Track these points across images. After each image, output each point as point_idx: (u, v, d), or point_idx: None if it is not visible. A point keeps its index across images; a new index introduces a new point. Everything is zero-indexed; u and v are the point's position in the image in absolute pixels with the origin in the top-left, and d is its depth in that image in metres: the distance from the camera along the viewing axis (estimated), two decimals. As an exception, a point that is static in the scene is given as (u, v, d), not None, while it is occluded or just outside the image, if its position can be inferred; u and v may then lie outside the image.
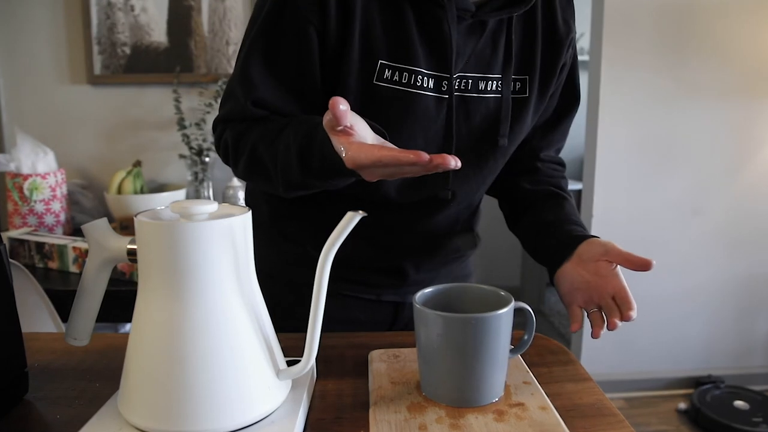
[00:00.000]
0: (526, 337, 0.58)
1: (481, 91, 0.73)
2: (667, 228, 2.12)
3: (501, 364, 0.52)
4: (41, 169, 1.75)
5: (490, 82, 0.73)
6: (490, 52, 0.72)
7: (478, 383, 0.51)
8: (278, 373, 0.50)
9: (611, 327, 0.66)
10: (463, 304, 0.56)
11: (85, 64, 2.03)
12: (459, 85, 0.72)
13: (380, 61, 0.68)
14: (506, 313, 0.51)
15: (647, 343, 2.19)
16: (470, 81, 0.72)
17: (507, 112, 0.74)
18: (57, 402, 0.54)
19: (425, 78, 0.70)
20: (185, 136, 1.97)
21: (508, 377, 0.56)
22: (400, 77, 0.69)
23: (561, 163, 0.90)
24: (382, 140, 0.59)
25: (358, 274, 0.81)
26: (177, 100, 1.98)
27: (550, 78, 0.77)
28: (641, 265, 0.66)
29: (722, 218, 2.13)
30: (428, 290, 0.56)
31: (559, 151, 0.89)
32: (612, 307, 0.67)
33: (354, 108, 0.66)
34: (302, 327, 0.50)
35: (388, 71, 0.69)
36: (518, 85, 0.75)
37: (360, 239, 0.65)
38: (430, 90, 0.70)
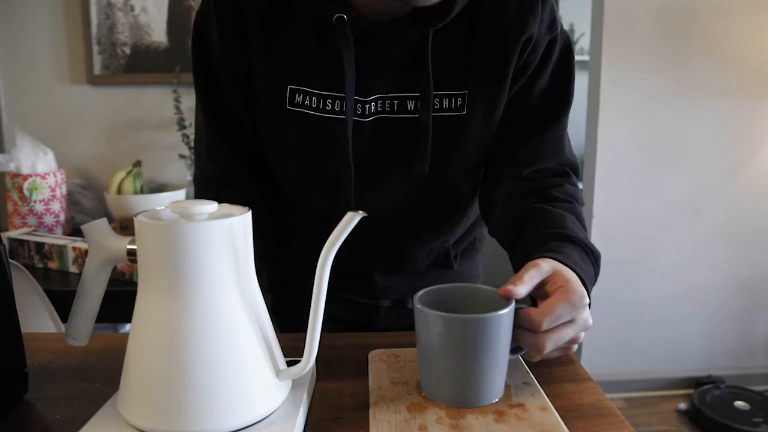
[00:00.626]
0: None
1: (409, 111, 0.69)
2: (667, 228, 2.12)
3: (501, 365, 0.52)
4: (41, 169, 1.75)
5: (418, 102, 0.68)
6: (414, 70, 0.67)
7: (479, 383, 0.51)
8: (278, 373, 0.50)
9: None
10: (464, 304, 0.56)
11: (85, 64, 2.03)
12: (378, 107, 0.69)
13: (289, 86, 0.68)
14: (507, 313, 0.51)
15: (647, 343, 2.19)
16: (395, 102, 0.69)
17: (425, 136, 0.68)
18: (57, 402, 0.54)
19: (336, 101, 0.68)
20: (185, 136, 1.97)
21: (509, 378, 0.56)
22: (311, 102, 0.68)
23: (560, 173, 0.75)
24: None
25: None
26: (177, 100, 1.98)
27: (498, 89, 0.70)
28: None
29: (722, 218, 2.12)
30: (429, 290, 0.56)
31: (561, 164, 0.75)
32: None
33: (271, 133, 0.72)
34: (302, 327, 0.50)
35: (299, 96, 0.69)
36: (458, 101, 0.69)
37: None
38: (342, 113, 0.68)
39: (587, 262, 0.63)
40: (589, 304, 0.57)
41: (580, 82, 0.80)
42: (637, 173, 2.07)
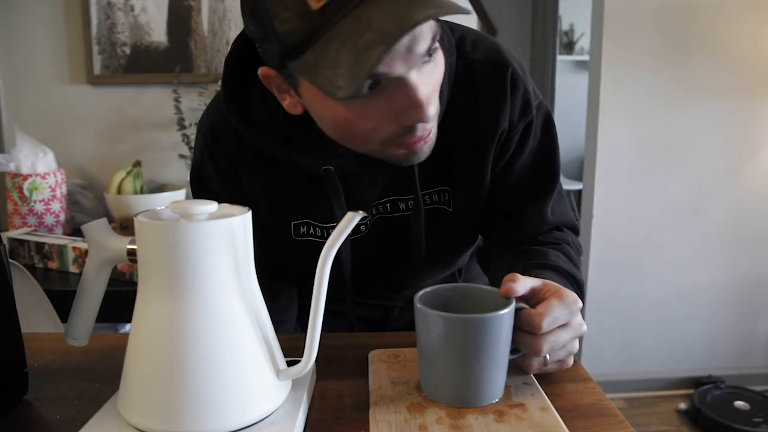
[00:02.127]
0: None
1: (402, 210, 0.73)
2: (667, 228, 2.12)
3: (501, 365, 0.52)
4: (41, 169, 1.75)
5: (408, 202, 0.73)
6: (401, 179, 0.71)
7: (479, 384, 0.51)
8: (278, 373, 0.50)
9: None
10: (464, 304, 0.56)
11: (85, 64, 2.03)
12: (378, 210, 0.73)
13: (292, 222, 0.73)
14: (507, 314, 0.51)
15: (648, 343, 2.19)
16: (388, 204, 0.73)
17: (419, 232, 0.72)
18: (57, 402, 0.54)
19: None
20: (185, 136, 1.97)
21: (509, 378, 0.56)
22: (315, 231, 0.73)
23: (550, 230, 0.76)
24: None
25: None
26: (177, 100, 1.98)
27: (479, 184, 0.72)
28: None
29: (723, 219, 2.13)
30: (429, 290, 0.56)
31: (550, 228, 0.76)
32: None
33: (286, 259, 0.77)
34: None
35: (303, 227, 0.73)
36: (445, 196, 0.73)
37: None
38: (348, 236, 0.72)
39: (568, 288, 0.63)
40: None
41: (581, 82, 0.81)
42: (638, 173, 2.07)
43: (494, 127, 0.69)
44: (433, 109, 0.56)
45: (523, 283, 0.54)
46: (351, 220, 0.45)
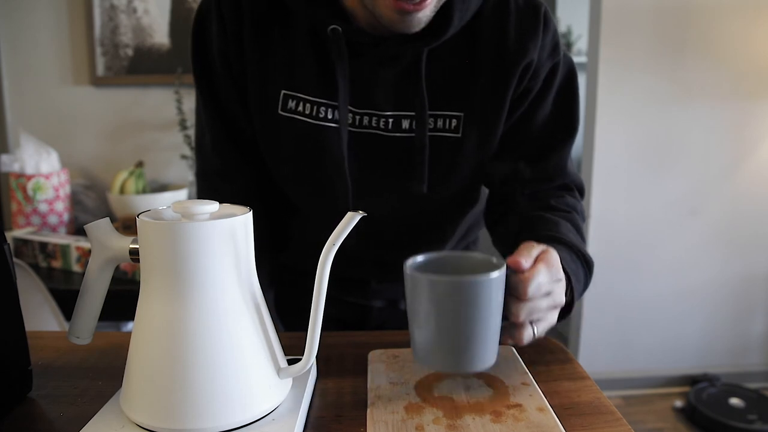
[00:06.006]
0: None
1: (404, 130, 0.69)
2: (664, 229, 2.12)
3: (493, 330, 0.51)
4: (45, 169, 1.76)
5: (411, 120, 0.69)
6: (409, 89, 0.67)
7: (470, 347, 0.50)
8: (279, 371, 0.50)
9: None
10: (455, 271, 0.54)
11: (88, 66, 2.04)
12: (372, 123, 0.69)
13: (282, 91, 0.69)
14: (497, 278, 0.49)
15: (644, 341, 2.20)
16: (390, 120, 0.69)
17: (422, 157, 0.68)
18: (60, 400, 0.55)
19: (328, 110, 0.68)
20: (187, 137, 1.98)
21: (507, 378, 0.56)
22: (304, 108, 0.69)
23: (563, 188, 0.75)
24: None
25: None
26: (179, 101, 1.99)
27: (495, 114, 0.69)
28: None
29: (719, 219, 2.13)
30: (419, 258, 0.54)
31: (565, 183, 0.75)
32: None
33: (265, 138, 0.72)
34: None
35: (292, 101, 0.69)
36: (453, 122, 0.69)
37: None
38: (335, 122, 0.68)
39: (577, 264, 0.63)
40: (571, 305, 0.59)
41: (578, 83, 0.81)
42: (635, 174, 2.08)
43: (522, 54, 0.67)
44: None
45: (530, 260, 0.53)
46: (350, 220, 0.46)
